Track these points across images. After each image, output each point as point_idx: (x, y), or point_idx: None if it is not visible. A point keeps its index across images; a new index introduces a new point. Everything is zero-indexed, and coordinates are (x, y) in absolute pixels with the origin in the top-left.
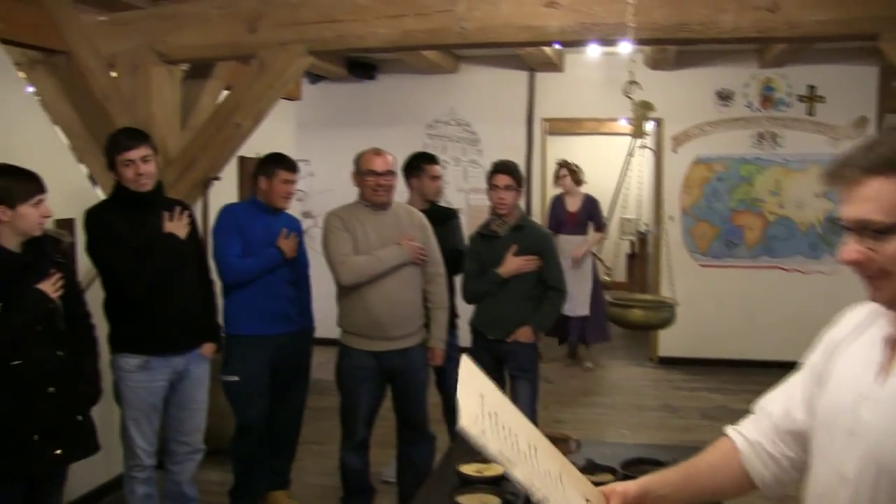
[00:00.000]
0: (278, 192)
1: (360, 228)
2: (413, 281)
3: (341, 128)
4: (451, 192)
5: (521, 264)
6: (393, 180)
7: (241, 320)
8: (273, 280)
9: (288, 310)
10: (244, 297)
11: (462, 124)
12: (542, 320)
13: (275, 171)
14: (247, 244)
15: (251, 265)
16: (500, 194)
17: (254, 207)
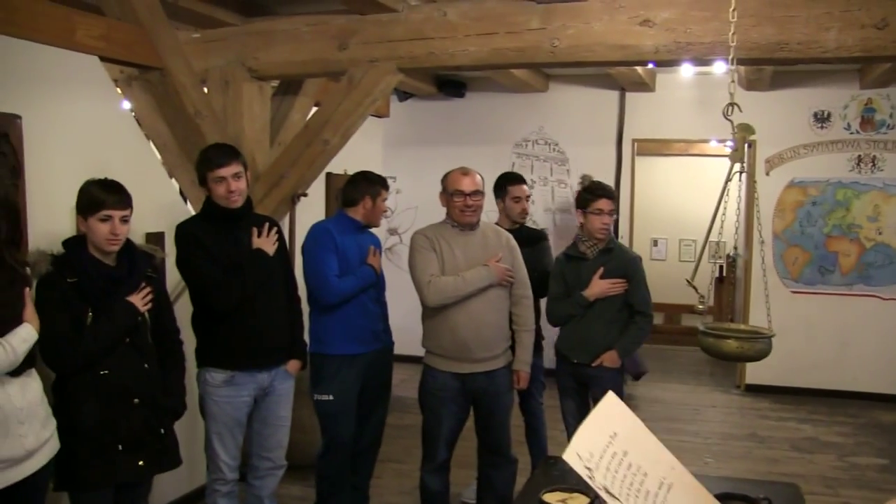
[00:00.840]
0: (381, 211)
1: (446, 248)
2: (499, 303)
3: (429, 146)
4: (538, 213)
5: (608, 287)
6: (480, 200)
7: (335, 339)
8: (365, 298)
9: (377, 327)
10: (338, 316)
11: (550, 143)
12: (629, 345)
13: (380, 192)
14: (341, 262)
15: (351, 284)
16: (604, 219)
17: (342, 224)
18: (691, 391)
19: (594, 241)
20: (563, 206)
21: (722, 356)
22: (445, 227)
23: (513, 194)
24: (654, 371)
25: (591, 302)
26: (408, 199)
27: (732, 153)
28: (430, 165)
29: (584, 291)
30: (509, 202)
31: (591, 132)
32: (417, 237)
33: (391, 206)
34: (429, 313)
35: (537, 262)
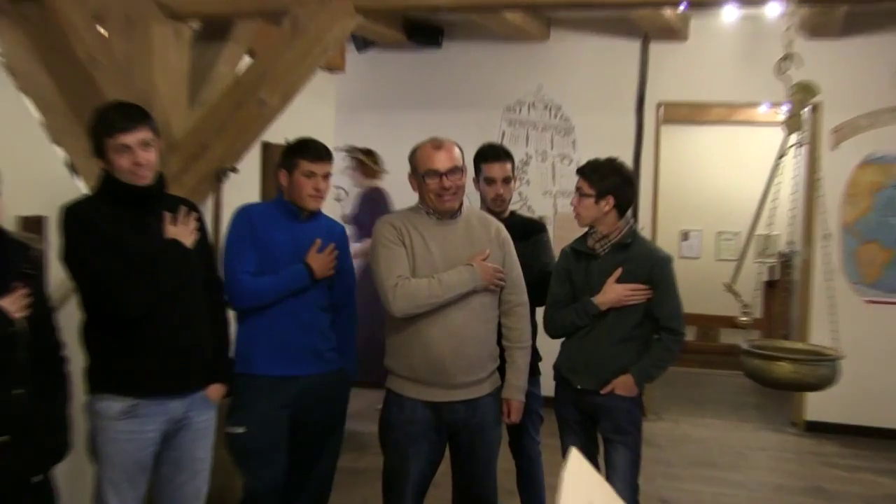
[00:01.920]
0: (302, 188)
1: (419, 242)
2: (486, 312)
3: (395, 110)
4: (535, 196)
5: (626, 294)
6: (461, 179)
7: (255, 356)
8: (299, 306)
9: (318, 344)
10: (260, 327)
11: (551, 108)
12: (650, 369)
13: (297, 163)
14: (267, 257)
15: (267, 285)
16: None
17: (278, 210)
18: (733, 429)
19: (603, 235)
20: (568, 189)
21: (773, 383)
22: (418, 215)
23: (485, 174)
24: (685, 402)
25: (602, 311)
26: None
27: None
28: (397, 135)
29: (596, 297)
30: (482, 185)
31: (604, 94)
32: (381, 227)
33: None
34: (394, 325)
35: (533, 260)
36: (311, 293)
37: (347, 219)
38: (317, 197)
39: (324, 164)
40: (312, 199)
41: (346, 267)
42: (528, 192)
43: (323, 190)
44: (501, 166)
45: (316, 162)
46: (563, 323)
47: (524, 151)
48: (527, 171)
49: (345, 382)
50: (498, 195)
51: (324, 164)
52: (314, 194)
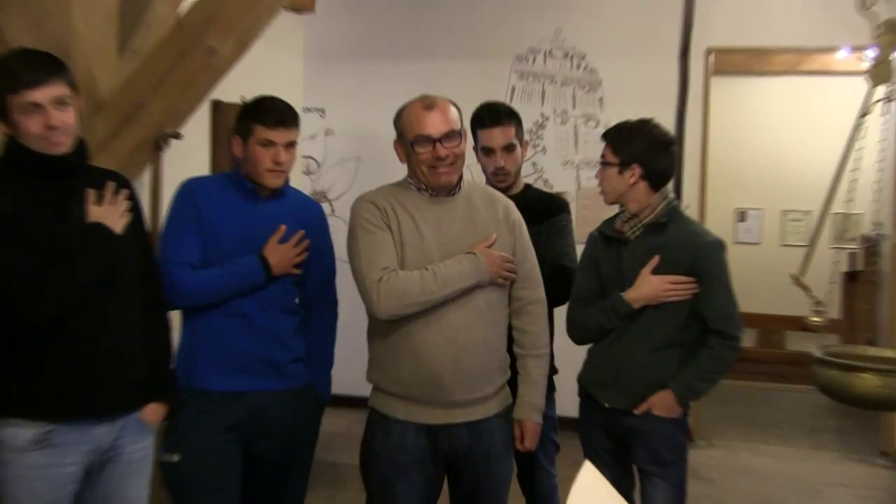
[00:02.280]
0: (258, 161)
1: (409, 226)
2: (494, 312)
3: (378, 60)
4: (553, 167)
5: (664, 288)
6: (460, 146)
7: (197, 366)
8: (252, 306)
9: (274, 354)
10: (203, 331)
11: (573, 56)
12: (695, 382)
13: (253, 128)
14: (214, 246)
15: (209, 280)
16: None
17: (232, 186)
18: (805, 459)
19: (633, 214)
20: (593, 158)
21: (855, 400)
22: (407, 192)
23: (482, 142)
24: (742, 424)
25: (636, 310)
26: (344, 144)
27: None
28: (381, 91)
29: (628, 293)
30: (480, 156)
31: (640, 39)
32: (361, 208)
33: (317, 156)
34: (379, 330)
35: (550, 246)
36: (270, 291)
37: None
38: (276, 172)
39: (286, 130)
40: (271, 175)
41: (323, 256)
42: (543, 163)
43: (285, 162)
44: (502, 131)
45: (275, 128)
46: (588, 324)
47: (539, 112)
48: (542, 136)
49: (313, 402)
50: (499, 168)
51: (286, 130)
52: (273, 168)
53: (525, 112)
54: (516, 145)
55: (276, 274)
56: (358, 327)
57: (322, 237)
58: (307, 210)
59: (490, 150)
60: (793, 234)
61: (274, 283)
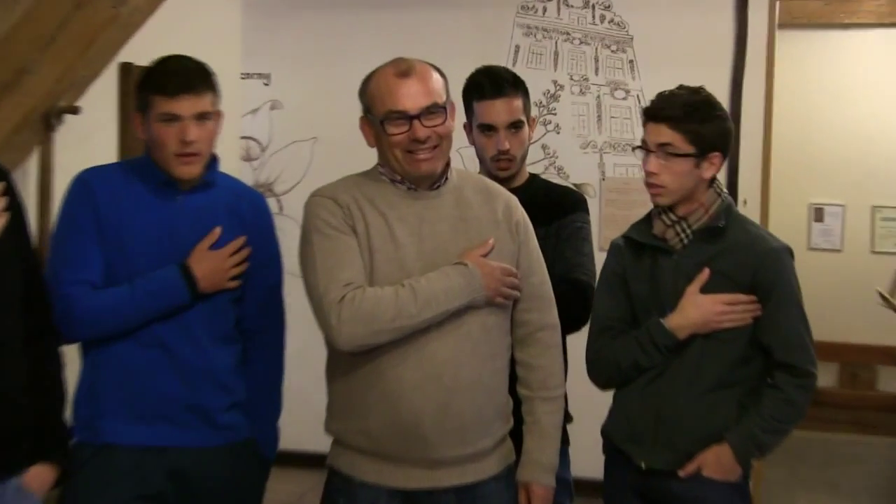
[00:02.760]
0: (162, 143)
1: (379, 227)
2: (492, 341)
3: (339, 11)
4: (568, 153)
5: (719, 311)
6: (444, 126)
7: (101, 415)
8: (173, 334)
9: (206, 399)
10: (109, 368)
11: (595, 6)
12: (759, 434)
13: (148, 100)
14: (121, 257)
15: (116, 302)
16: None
17: (140, 177)
18: None
19: (679, 216)
20: (622, 140)
21: None
22: (377, 185)
23: (480, 118)
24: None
25: (680, 341)
26: (295, 121)
27: None
28: (343, 52)
29: (670, 318)
30: (477, 137)
31: None
32: (318, 205)
33: (260, 137)
34: (342, 365)
35: (561, 255)
36: (199, 314)
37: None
38: (188, 156)
39: (193, 97)
40: (180, 162)
41: (267, 266)
42: (557, 145)
43: (197, 140)
44: (506, 104)
45: (177, 96)
46: (618, 363)
47: (550, 79)
48: (555, 110)
49: (255, 461)
50: (502, 152)
51: (193, 97)
52: (182, 151)
53: (532, 79)
54: (524, 122)
55: (205, 290)
56: (315, 362)
57: (266, 240)
58: (246, 204)
59: (491, 129)
60: (886, 238)
61: (203, 302)
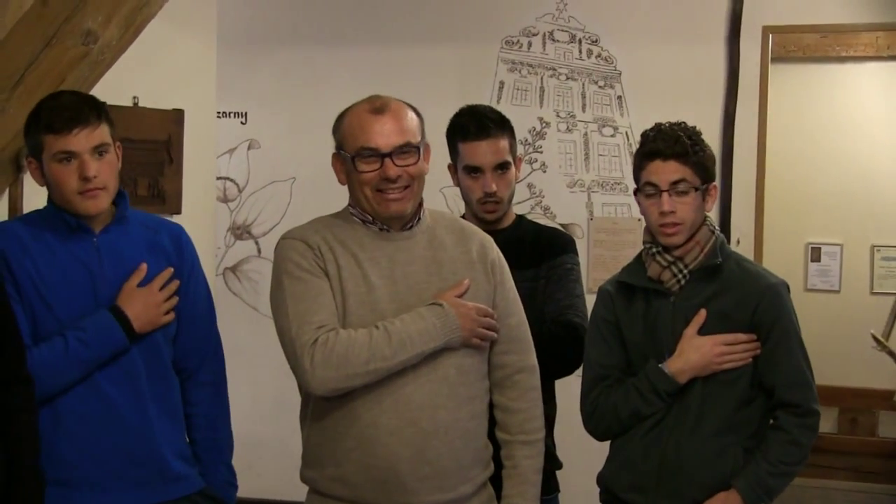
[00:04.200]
0: (61, 183)
1: (351, 269)
2: (468, 385)
3: (318, 47)
4: (556, 190)
5: (719, 353)
6: (416, 166)
7: (57, 483)
8: (109, 381)
9: (157, 452)
10: (54, 431)
11: (582, 40)
12: (766, 478)
13: (39, 141)
14: (45, 312)
15: (51, 358)
16: (661, 205)
17: (47, 226)
18: None
19: (675, 256)
20: (610, 179)
21: None
22: (349, 226)
23: (466, 160)
24: None
25: (680, 385)
26: (273, 161)
27: None
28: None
29: (670, 363)
30: (462, 177)
31: (673, 14)
32: (288, 248)
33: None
34: (315, 410)
35: (552, 297)
36: (136, 358)
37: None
38: (91, 192)
39: (86, 129)
40: (84, 199)
41: (195, 299)
42: (543, 184)
43: (101, 175)
44: (492, 145)
45: (69, 131)
46: (617, 413)
47: (536, 115)
48: (541, 147)
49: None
50: (489, 194)
51: (86, 129)
52: (85, 189)
53: (518, 116)
54: (510, 163)
55: (141, 330)
56: (290, 407)
57: (191, 272)
58: (165, 236)
59: (477, 170)
60: (886, 279)
61: (139, 344)
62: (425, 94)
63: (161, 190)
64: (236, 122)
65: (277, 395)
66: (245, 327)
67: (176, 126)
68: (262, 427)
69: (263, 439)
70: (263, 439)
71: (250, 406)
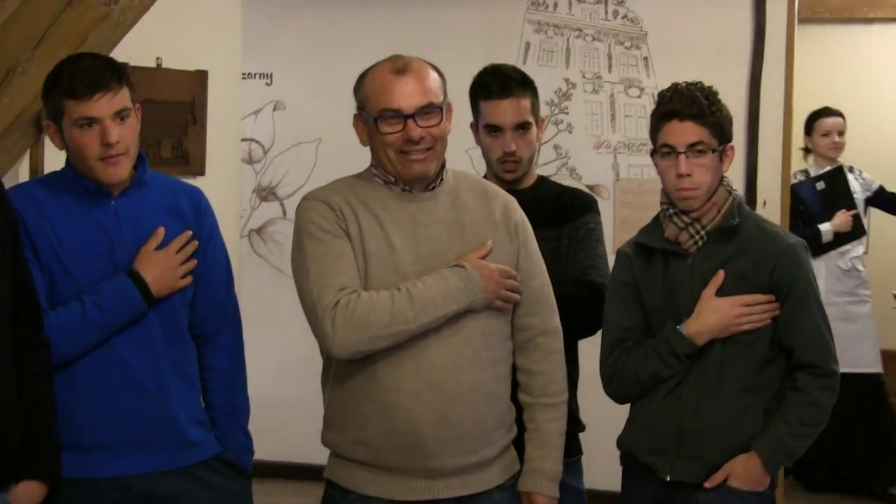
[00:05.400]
0: (82, 149)
1: (373, 231)
2: (492, 346)
3: (344, 6)
4: (583, 151)
5: (737, 313)
6: (439, 127)
7: (72, 447)
8: (127, 346)
9: (165, 415)
10: (70, 396)
11: (609, 0)
12: (786, 439)
13: (59, 105)
14: (62, 275)
15: (69, 321)
16: (680, 167)
17: (66, 188)
18: None
19: (692, 217)
20: (636, 140)
21: None
22: (371, 187)
23: (486, 118)
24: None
25: (698, 347)
26: (299, 122)
27: None
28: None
29: (687, 324)
30: (483, 136)
31: None
32: (309, 209)
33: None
34: (336, 372)
35: (574, 257)
36: (153, 322)
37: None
38: (113, 158)
39: (108, 95)
40: (105, 165)
41: (213, 260)
42: (569, 146)
43: (123, 140)
44: (514, 104)
45: (90, 96)
46: (636, 375)
47: (562, 76)
48: (567, 109)
49: (234, 474)
50: (508, 153)
51: (108, 95)
52: (106, 155)
53: (544, 77)
54: (531, 123)
55: (158, 294)
56: (316, 369)
57: (210, 236)
58: (185, 200)
59: (497, 129)
60: None
61: (156, 308)
62: (451, 56)
63: (185, 151)
64: (262, 84)
65: (304, 357)
66: (270, 289)
67: (200, 87)
68: (289, 389)
69: (289, 401)
70: (289, 401)
71: (276, 368)
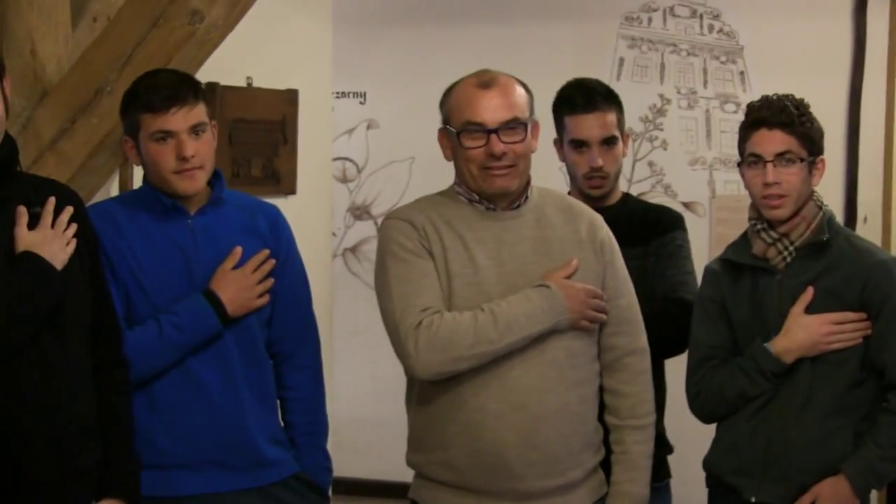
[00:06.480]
0: (158, 162)
1: (457, 250)
2: (578, 367)
3: (437, 26)
4: (678, 168)
5: (827, 332)
6: (524, 144)
7: (151, 466)
8: (203, 366)
9: (250, 437)
10: (147, 416)
11: (704, 15)
12: (877, 463)
13: (136, 120)
14: (138, 294)
15: (145, 341)
16: (764, 175)
17: (143, 206)
18: None
19: (782, 233)
20: (733, 156)
21: None
22: (454, 205)
23: (572, 133)
24: None
25: (788, 366)
26: (392, 141)
27: None
28: (441, 68)
29: (775, 342)
30: (568, 151)
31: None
32: (392, 228)
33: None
34: (420, 394)
35: (663, 273)
36: (230, 342)
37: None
38: (188, 172)
39: (184, 109)
40: (181, 179)
41: (291, 282)
42: (664, 162)
43: (198, 154)
44: (599, 118)
45: (167, 110)
46: (722, 394)
47: (657, 92)
48: (662, 125)
49: (311, 493)
50: (594, 169)
51: (184, 109)
52: (181, 168)
53: (638, 93)
54: (617, 138)
55: (234, 314)
56: (398, 390)
57: (288, 255)
58: (262, 219)
59: (582, 144)
60: None
61: (233, 328)
62: (544, 73)
63: (275, 170)
64: (355, 102)
65: (398, 375)
66: (365, 307)
67: (290, 106)
68: (383, 407)
69: (384, 420)
70: (384, 420)
71: (371, 386)
